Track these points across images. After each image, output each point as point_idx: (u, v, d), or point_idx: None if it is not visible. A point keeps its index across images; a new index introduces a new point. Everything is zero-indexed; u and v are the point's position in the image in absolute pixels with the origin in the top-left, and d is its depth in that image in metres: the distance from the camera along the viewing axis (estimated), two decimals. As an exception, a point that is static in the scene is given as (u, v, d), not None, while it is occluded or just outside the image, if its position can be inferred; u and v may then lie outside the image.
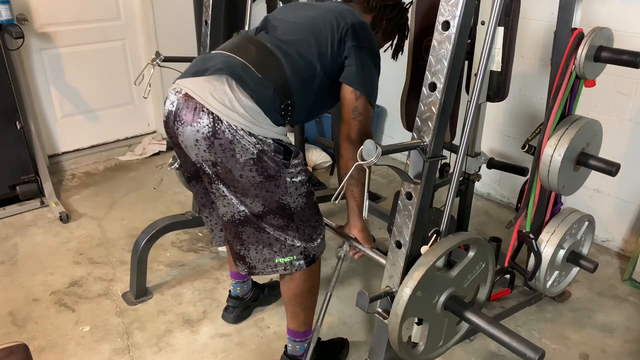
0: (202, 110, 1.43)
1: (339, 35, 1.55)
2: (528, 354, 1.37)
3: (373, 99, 1.59)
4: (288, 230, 1.58)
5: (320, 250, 1.69)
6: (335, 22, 1.56)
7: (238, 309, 2.16)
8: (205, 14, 2.18)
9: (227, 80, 1.46)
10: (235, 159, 1.44)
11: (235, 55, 1.52)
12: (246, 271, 1.67)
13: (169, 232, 2.36)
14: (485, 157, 2.15)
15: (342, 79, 1.56)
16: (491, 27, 1.33)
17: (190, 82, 1.50)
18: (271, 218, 1.55)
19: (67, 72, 3.37)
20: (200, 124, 1.43)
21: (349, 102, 1.55)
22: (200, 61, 1.57)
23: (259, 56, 1.52)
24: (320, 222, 1.67)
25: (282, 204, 1.53)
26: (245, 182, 1.48)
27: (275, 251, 1.60)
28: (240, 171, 1.46)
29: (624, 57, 1.67)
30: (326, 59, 1.55)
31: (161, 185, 3.35)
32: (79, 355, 2.01)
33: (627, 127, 2.46)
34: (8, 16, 2.75)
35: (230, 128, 1.42)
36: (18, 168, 3.00)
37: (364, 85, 1.55)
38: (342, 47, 1.55)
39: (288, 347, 1.88)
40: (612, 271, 2.52)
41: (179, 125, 1.48)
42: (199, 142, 1.45)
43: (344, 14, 1.59)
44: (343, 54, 1.56)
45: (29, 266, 2.52)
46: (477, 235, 1.55)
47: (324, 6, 1.67)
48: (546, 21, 2.61)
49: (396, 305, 1.43)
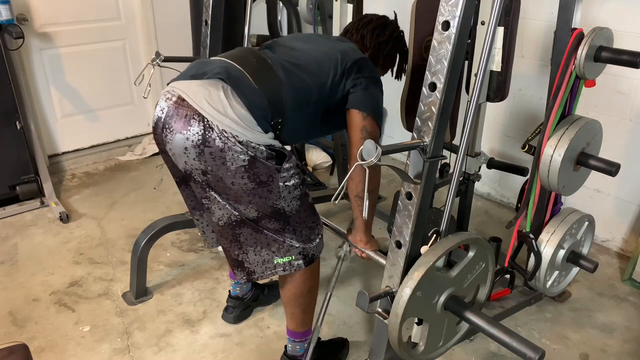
0: (192, 118, 1.42)
1: (342, 69, 1.58)
2: (528, 354, 1.37)
3: (380, 120, 1.61)
4: (285, 233, 1.58)
5: (318, 250, 1.69)
6: (340, 57, 1.60)
7: (238, 309, 2.16)
8: (205, 14, 2.19)
9: (223, 87, 1.47)
10: (226, 167, 1.43)
11: (235, 64, 1.54)
12: (245, 278, 1.66)
13: (169, 232, 2.36)
14: (485, 157, 2.15)
15: (348, 106, 1.59)
16: (491, 27, 1.33)
17: (186, 85, 1.49)
18: (267, 222, 1.55)
19: (67, 72, 3.37)
20: (190, 132, 1.42)
21: (357, 123, 1.58)
22: (198, 65, 1.58)
23: (258, 68, 1.54)
24: (318, 222, 1.68)
25: (276, 208, 1.53)
26: (238, 190, 1.48)
27: (273, 251, 1.60)
28: (231, 179, 1.45)
29: (624, 57, 1.67)
30: (324, 89, 1.58)
31: (161, 185, 3.35)
32: (79, 355, 2.01)
33: (627, 127, 2.46)
34: (8, 16, 2.75)
35: (221, 135, 1.41)
36: (18, 168, 3.00)
37: (370, 106, 1.59)
38: (344, 81, 1.59)
39: (288, 347, 1.88)
40: (612, 271, 2.52)
41: (168, 132, 1.47)
42: (188, 150, 1.44)
43: (348, 51, 1.63)
44: (344, 88, 1.59)
45: (29, 266, 2.52)
46: (477, 235, 1.55)
47: (330, 42, 1.72)
48: (546, 21, 2.61)
49: (396, 305, 1.43)
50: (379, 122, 1.61)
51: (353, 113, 1.58)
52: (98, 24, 3.42)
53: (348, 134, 1.62)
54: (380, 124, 1.61)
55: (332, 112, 1.63)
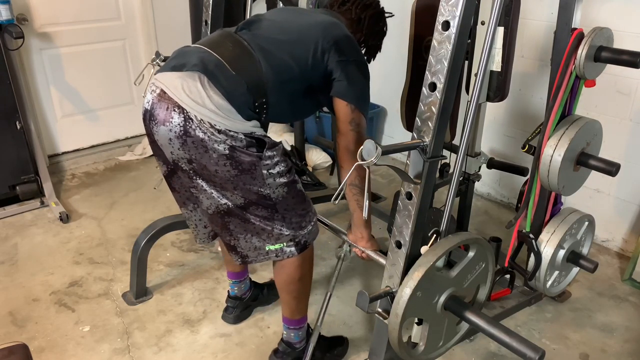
0: (173, 110, 1.46)
1: (322, 46, 1.57)
2: (528, 354, 1.37)
3: (367, 109, 1.63)
4: (274, 220, 1.60)
5: (311, 237, 1.70)
6: (322, 33, 1.59)
7: (238, 309, 2.16)
8: (205, 14, 2.19)
9: (200, 77, 1.49)
10: (209, 155, 1.47)
11: (212, 51, 1.55)
12: (240, 260, 1.69)
13: (169, 232, 2.36)
14: (485, 157, 2.15)
15: (334, 94, 1.59)
16: (491, 27, 1.33)
17: (167, 78, 1.53)
18: (254, 209, 1.58)
19: (67, 72, 3.37)
20: (172, 123, 1.47)
21: (344, 115, 1.59)
22: (179, 55, 1.60)
23: (234, 53, 1.55)
24: (309, 209, 1.68)
25: (261, 195, 1.55)
26: (222, 176, 1.51)
27: (264, 239, 1.63)
28: (215, 166, 1.49)
29: (624, 57, 1.67)
30: (306, 65, 1.58)
31: (161, 185, 3.33)
32: (79, 355, 2.01)
33: (627, 127, 2.46)
34: (8, 16, 2.75)
35: (200, 125, 1.45)
36: (18, 168, 3.00)
37: (357, 97, 1.59)
38: (326, 58, 1.58)
39: (284, 334, 1.90)
40: (612, 271, 2.52)
41: (153, 124, 1.52)
42: (172, 141, 1.49)
43: (331, 27, 1.62)
44: (326, 66, 1.59)
45: (29, 266, 2.52)
46: (477, 235, 1.55)
47: (314, 17, 1.72)
48: (546, 21, 2.61)
49: (396, 305, 1.43)
50: (366, 112, 1.62)
51: (339, 103, 1.59)
52: (98, 24, 3.42)
53: (336, 122, 1.63)
54: (366, 113, 1.62)
55: (315, 90, 1.64)
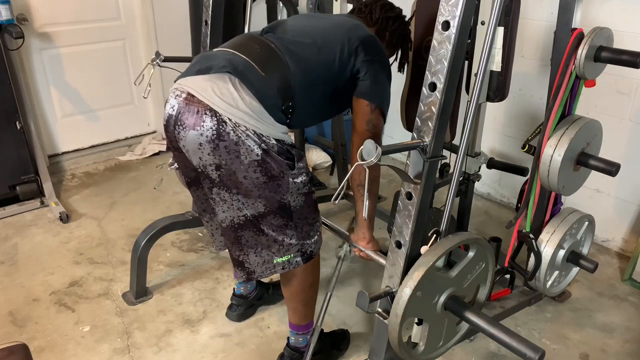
0: (205, 113, 1.42)
1: (349, 48, 1.56)
2: (528, 354, 1.37)
3: (386, 111, 1.61)
4: (287, 229, 1.59)
5: (317, 247, 1.70)
6: (346, 34, 1.59)
7: (242, 307, 2.16)
8: (205, 14, 2.18)
9: (231, 79, 1.46)
10: (240, 160, 1.44)
11: (239, 53, 1.52)
12: (245, 277, 1.67)
13: (169, 232, 2.36)
14: (485, 157, 2.15)
15: (356, 93, 1.58)
16: (491, 27, 1.33)
17: (193, 81, 1.49)
18: (271, 218, 1.56)
19: (67, 72, 3.37)
20: (203, 127, 1.42)
21: (364, 114, 1.57)
22: (202, 59, 1.56)
23: (262, 55, 1.52)
24: (317, 219, 1.68)
25: (282, 203, 1.54)
26: (249, 184, 1.48)
27: (273, 252, 1.61)
28: (244, 172, 1.46)
29: (624, 57, 1.67)
30: (333, 68, 1.56)
31: (161, 185, 3.35)
32: (79, 355, 2.01)
33: (627, 127, 2.46)
34: (8, 16, 2.75)
35: (235, 128, 1.42)
36: (18, 168, 2.99)
37: (379, 97, 1.58)
38: (353, 59, 1.57)
39: (291, 340, 1.89)
40: (612, 271, 2.52)
41: (180, 129, 1.47)
42: (202, 146, 1.45)
43: (355, 29, 1.62)
44: (353, 67, 1.57)
45: (29, 266, 2.52)
46: (477, 235, 1.55)
47: (336, 19, 1.71)
48: (546, 21, 2.61)
49: (396, 305, 1.43)
50: (385, 114, 1.61)
51: (361, 103, 1.57)
52: (98, 24, 3.42)
53: (353, 121, 1.61)
54: (385, 114, 1.61)
55: (341, 91, 1.62)
